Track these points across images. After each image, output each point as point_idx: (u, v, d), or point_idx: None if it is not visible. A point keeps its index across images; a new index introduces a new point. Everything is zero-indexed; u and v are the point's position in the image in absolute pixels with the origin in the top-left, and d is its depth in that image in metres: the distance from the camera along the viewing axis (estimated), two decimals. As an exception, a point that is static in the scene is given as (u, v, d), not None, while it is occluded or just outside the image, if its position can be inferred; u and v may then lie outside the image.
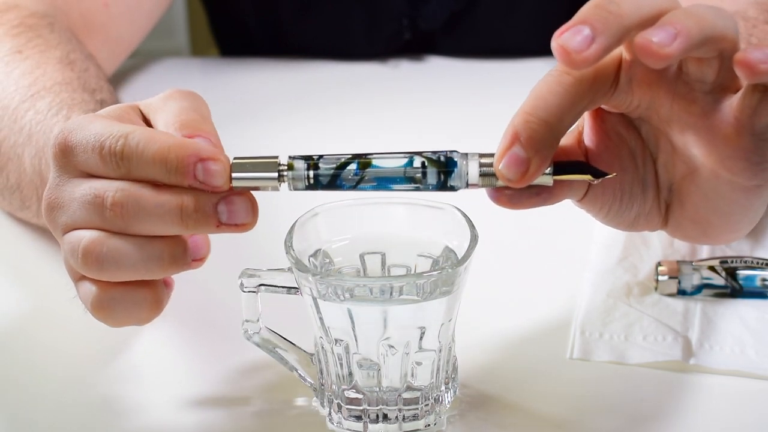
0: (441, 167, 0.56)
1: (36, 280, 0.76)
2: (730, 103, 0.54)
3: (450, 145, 0.58)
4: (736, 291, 0.70)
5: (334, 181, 0.56)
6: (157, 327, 0.69)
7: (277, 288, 0.61)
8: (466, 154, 0.56)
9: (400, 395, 0.60)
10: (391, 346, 0.58)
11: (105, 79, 0.84)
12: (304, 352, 0.63)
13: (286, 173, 0.56)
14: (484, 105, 0.98)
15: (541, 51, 1.06)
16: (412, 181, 0.56)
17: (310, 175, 0.56)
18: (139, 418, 0.63)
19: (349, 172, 0.56)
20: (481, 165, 0.56)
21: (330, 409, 0.61)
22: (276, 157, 0.56)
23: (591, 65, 0.52)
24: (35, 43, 0.83)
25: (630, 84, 0.55)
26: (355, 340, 0.58)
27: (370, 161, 0.56)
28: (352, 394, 0.60)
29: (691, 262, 0.70)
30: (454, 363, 0.62)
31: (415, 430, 0.60)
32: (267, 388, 0.64)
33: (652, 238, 0.75)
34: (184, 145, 0.55)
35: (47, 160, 0.61)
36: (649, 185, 0.58)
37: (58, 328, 0.70)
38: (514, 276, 0.74)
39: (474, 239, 0.59)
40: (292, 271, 0.59)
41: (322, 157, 0.56)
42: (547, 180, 0.55)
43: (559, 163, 0.56)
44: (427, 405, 0.60)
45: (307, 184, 0.56)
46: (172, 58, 1.11)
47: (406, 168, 0.56)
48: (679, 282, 0.70)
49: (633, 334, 0.67)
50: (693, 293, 0.70)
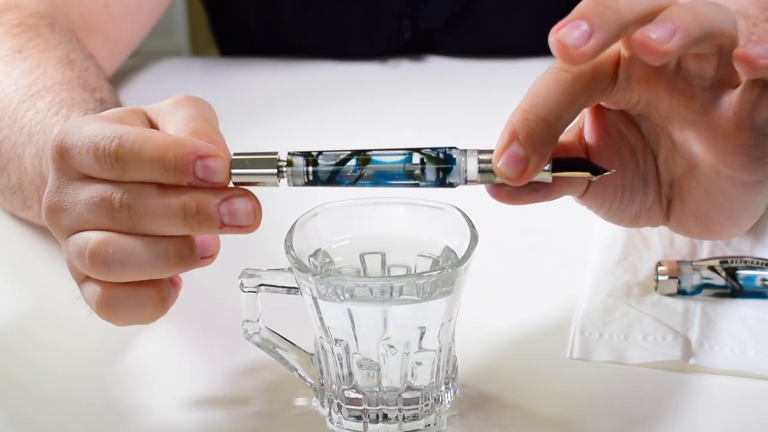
0: (440, 164, 0.56)
1: (36, 280, 0.76)
2: (730, 99, 0.54)
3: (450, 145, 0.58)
4: (736, 291, 0.70)
5: (333, 177, 0.56)
6: (157, 327, 0.69)
7: (277, 288, 0.61)
8: (465, 150, 0.56)
9: (400, 395, 0.60)
10: (391, 346, 0.58)
11: (105, 79, 0.84)
12: (304, 352, 0.63)
13: (285, 169, 0.56)
14: (484, 105, 0.98)
15: (541, 51, 1.06)
16: (410, 177, 0.56)
17: (309, 171, 0.56)
18: (139, 418, 0.63)
19: (349, 168, 0.56)
20: (479, 161, 0.56)
21: (330, 409, 0.61)
22: (275, 153, 0.56)
23: (588, 60, 0.52)
24: (35, 42, 0.83)
25: (629, 81, 0.55)
26: (355, 340, 0.58)
27: (369, 158, 0.56)
28: (352, 394, 0.60)
29: (691, 262, 0.70)
30: (454, 363, 0.62)
31: (415, 430, 0.60)
32: (267, 388, 0.64)
33: (653, 238, 0.75)
34: (182, 143, 0.55)
35: (48, 160, 0.61)
36: (650, 181, 0.58)
37: (58, 328, 0.70)
38: (514, 276, 0.74)
39: (474, 239, 0.59)
40: (292, 271, 0.59)
41: (321, 153, 0.56)
42: (546, 177, 0.55)
43: (558, 160, 0.56)
44: (427, 405, 0.60)
45: (306, 180, 0.56)
46: (172, 58, 1.11)
47: (405, 164, 0.56)
48: (679, 282, 0.70)
49: (633, 334, 0.67)
50: (693, 293, 0.70)
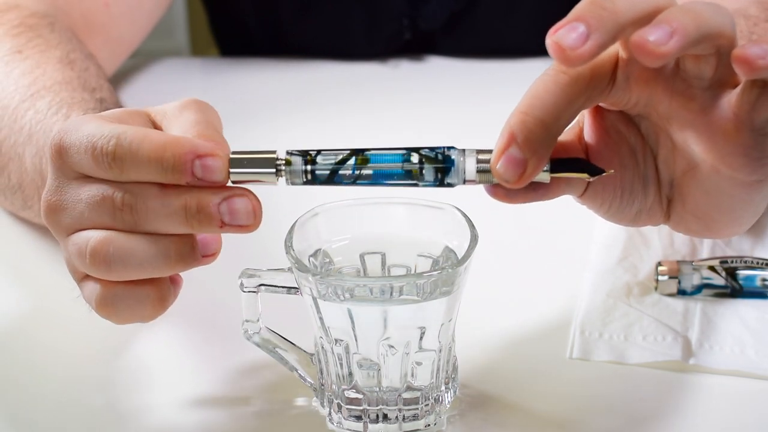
0: (438, 165, 0.56)
1: (36, 280, 0.76)
2: (729, 99, 0.54)
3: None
4: (736, 291, 0.70)
5: (331, 177, 0.56)
6: (157, 327, 0.69)
7: (277, 288, 0.61)
8: (463, 150, 0.56)
9: (400, 395, 0.60)
10: (391, 346, 0.58)
11: (105, 79, 0.84)
12: (304, 352, 0.63)
13: (283, 168, 0.56)
14: (484, 105, 0.98)
15: (541, 51, 1.05)
16: (409, 177, 0.56)
17: (308, 170, 0.56)
18: (139, 418, 0.63)
19: (347, 168, 0.56)
20: (478, 161, 0.56)
21: (330, 409, 0.61)
22: (274, 152, 0.56)
23: (586, 62, 0.52)
24: (35, 42, 0.83)
25: (627, 81, 0.55)
26: (355, 340, 0.58)
27: (368, 158, 0.56)
28: (352, 394, 0.60)
29: (691, 262, 0.70)
30: (454, 363, 0.62)
31: (415, 430, 0.60)
32: (267, 388, 0.64)
33: (653, 238, 0.75)
34: (180, 142, 0.55)
35: (47, 159, 0.61)
36: (650, 181, 0.58)
37: (58, 328, 0.70)
38: (514, 276, 0.74)
39: (474, 239, 0.59)
40: (292, 271, 0.59)
41: (320, 152, 0.56)
42: (544, 177, 0.55)
43: (556, 160, 0.56)
44: (427, 405, 0.60)
45: (304, 179, 0.56)
46: (172, 58, 1.11)
47: (403, 164, 0.56)
48: (679, 282, 0.70)
49: (633, 334, 0.67)
50: (693, 293, 0.70)
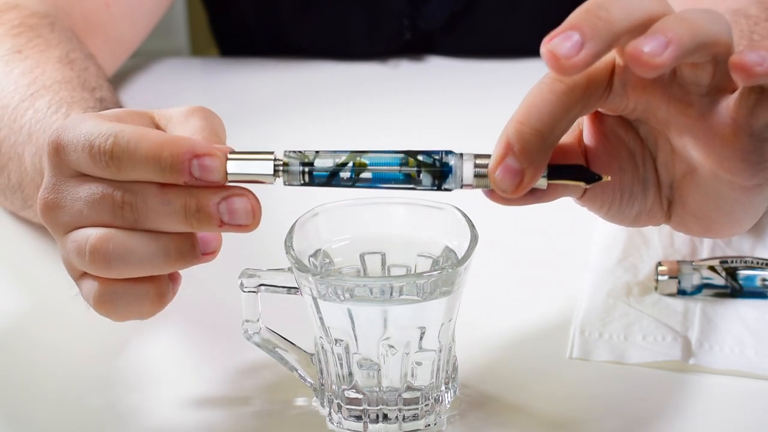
0: (436, 172, 0.56)
1: (36, 280, 0.76)
2: (727, 104, 0.54)
3: (449, 146, 0.58)
4: (736, 291, 0.70)
5: (329, 180, 0.56)
6: (157, 327, 0.69)
7: (277, 288, 0.61)
8: (461, 154, 0.56)
9: (400, 395, 0.60)
10: (391, 346, 0.58)
11: (105, 78, 0.84)
12: (304, 352, 0.63)
13: (281, 168, 0.56)
14: (484, 105, 0.98)
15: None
16: (407, 181, 0.56)
17: (305, 170, 0.56)
18: (139, 418, 0.63)
19: (345, 171, 0.56)
20: (476, 166, 0.56)
21: (330, 409, 0.61)
22: (272, 152, 0.56)
23: (581, 71, 0.52)
24: (35, 42, 0.83)
25: (624, 88, 0.55)
26: (355, 340, 0.58)
27: (365, 163, 0.56)
28: (352, 394, 0.60)
29: (691, 262, 0.70)
30: (454, 363, 0.62)
31: (415, 430, 0.60)
32: (267, 388, 0.64)
33: (653, 238, 0.75)
34: (178, 141, 0.55)
35: (44, 157, 0.61)
36: (650, 184, 0.58)
37: (58, 328, 0.70)
38: (514, 276, 0.74)
39: (474, 239, 0.59)
40: (292, 271, 0.59)
41: (318, 154, 0.56)
42: (541, 183, 0.56)
43: (554, 167, 0.56)
44: (427, 405, 0.60)
45: (302, 181, 0.56)
46: (172, 58, 1.11)
47: (401, 167, 0.56)
48: (679, 282, 0.70)
49: (633, 333, 0.67)
50: (693, 293, 0.70)
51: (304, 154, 0.56)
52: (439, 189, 0.56)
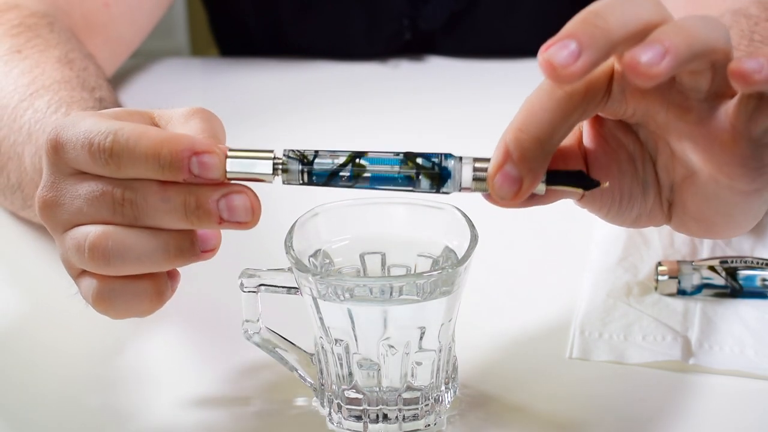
0: (434, 176, 0.55)
1: (36, 279, 0.76)
2: (726, 110, 0.54)
3: (449, 146, 0.58)
4: (736, 291, 0.70)
5: (328, 181, 0.56)
6: (157, 327, 0.69)
7: (277, 288, 0.61)
8: (460, 158, 0.56)
9: (400, 395, 0.60)
10: (391, 346, 0.58)
11: (104, 78, 0.84)
12: (304, 352, 0.63)
13: (280, 168, 0.56)
14: (484, 105, 0.98)
15: (541, 51, 1.06)
16: (406, 183, 0.56)
17: (304, 171, 0.56)
18: (139, 417, 0.63)
19: (343, 176, 0.56)
20: (475, 169, 0.55)
21: (330, 409, 0.61)
22: (271, 151, 0.56)
23: (577, 80, 0.51)
24: (34, 42, 0.83)
25: (623, 94, 0.55)
26: (355, 340, 0.58)
27: (364, 166, 0.56)
28: (352, 394, 0.60)
29: (692, 262, 0.70)
30: (454, 363, 0.62)
31: (415, 430, 0.60)
32: (267, 388, 0.64)
33: (653, 238, 0.75)
34: (177, 139, 0.54)
35: (42, 155, 0.61)
36: (650, 186, 0.58)
37: (58, 328, 0.70)
38: (514, 276, 0.74)
39: (474, 239, 0.59)
40: (292, 271, 0.59)
41: (317, 154, 0.56)
42: (540, 188, 0.56)
43: (553, 172, 0.56)
44: (427, 405, 0.60)
45: (301, 180, 0.56)
46: (172, 58, 1.11)
47: (400, 169, 0.56)
48: (679, 282, 0.70)
49: (632, 333, 0.67)
50: (693, 293, 0.70)
51: (303, 154, 0.56)
52: (437, 192, 0.56)
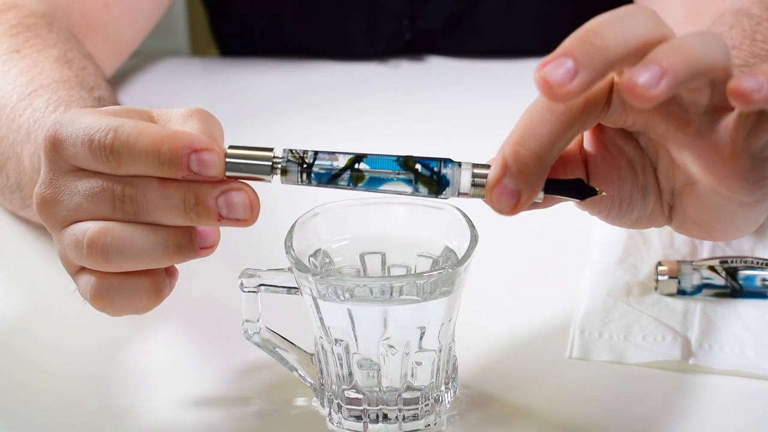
0: (433, 185, 0.55)
1: (36, 279, 0.76)
2: (726, 124, 0.53)
3: (449, 146, 0.57)
4: (736, 291, 0.70)
5: (327, 184, 0.56)
6: (157, 327, 0.69)
7: (277, 288, 0.61)
8: (459, 163, 0.56)
9: (400, 395, 0.60)
10: (391, 346, 0.58)
11: (103, 78, 0.84)
12: (304, 352, 0.63)
13: (279, 167, 0.56)
14: (484, 105, 0.98)
15: (541, 51, 1.05)
16: (404, 190, 0.56)
17: (303, 173, 0.56)
18: (139, 418, 0.63)
19: (342, 181, 0.56)
20: (473, 175, 0.55)
21: (330, 409, 0.61)
22: (271, 150, 0.56)
23: (573, 99, 0.51)
24: (33, 42, 0.83)
25: (623, 105, 0.55)
26: (355, 340, 0.58)
27: (363, 174, 0.56)
28: (352, 394, 0.60)
29: (692, 262, 0.70)
30: (454, 363, 0.62)
31: (415, 430, 0.60)
32: (267, 388, 0.64)
33: (653, 238, 0.75)
34: (177, 136, 0.54)
35: (40, 152, 0.61)
36: (650, 191, 0.58)
37: (57, 328, 0.70)
38: (514, 276, 0.74)
39: (474, 239, 0.59)
40: (292, 271, 0.59)
41: (317, 156, 0.56)
42: (538, 196, 0.56)
43: (552, 180, 0.55)
44: (427, 405, 0.60)
45: (300, 182, 0.56)
46: (172, 58, 1.11)
47: (398, 176, 0.56)
48: (679, 282, 0.70)
49: (632, 333, 0.67)
50: (693, 293, 0.70)
51: (302, 157, 0.56)
52: (436, 197, 0.56)
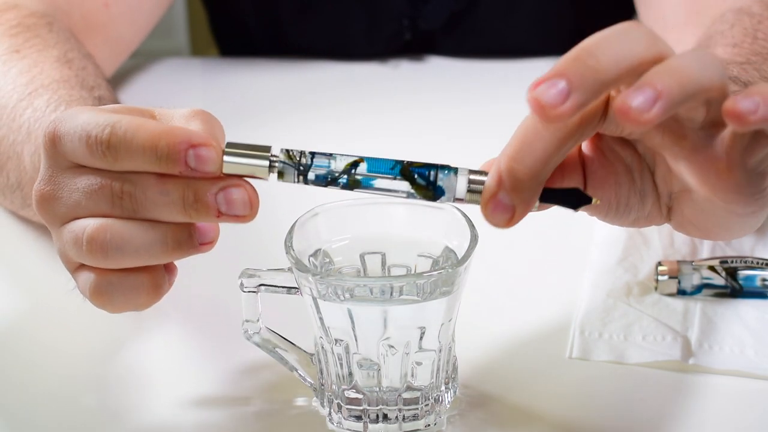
0: (428, 194, 0.55)
1: (36, 279, 0.76)
2: (722, 138, 0.53)
3: (449, 147, 0.57)
4: (736, 291, 0.70)
5: (324, 186, 0.56)
6: (157, 327, 0.69)
7: (277, 288, 0.61)
8: (456, 169, 0.56)
9: (400, 395, 0.60)
10: (391, 346, 0.58)
11: (103, 78, 0.84)
12: (304, 352, 0.63)
13: (277, 165, 0.56)
14: (484, 105, 0.98)
15: (541, 51, 1.06)
16: (400, 195, 0.56)
17: (300, 177, 0.56)
18: (139, 417, 0.63)
19: (337, 184, 0.56)
20: (469, 182, 0.55)
21: (330, 409, 0.61)
22: (269, 147, 0.56)
23: (566, 120, 0.51)
24: (33, 42, 0.83)
25: None
26: (355, 340, 0.58)
27: (359, 181, 0.55)
28: (352, 394, 0.60)
29: (692, 262, 0.70)
30: (454, 363, 0.62)
31: (415, 430, 0.60)
32: (267, 388, 0.64)
33: (653, 238, 0.75)
34: (175, 132, 0.54)
35: (40, 149, 0.61)
36: (648, 194, 0.58)
37: (57, 328, 0.70)
38: (514, 276, 0.74)
39: (474, 239, 0.59)
40: (292, 271, 0.59)
41: (313, 160, 0.56)
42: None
43: (548, 190, 0.55)
44: (427, 405, 0.60)
45: (296, 182, 0.56)
46: (172, 58, 1.11)
47: (393, 184, 0.56)
48: (679, 282, 0.70)
49: (632, 333, 0.67)
50: (693, 293, 0.70)
51: (299, 160, 0.56)
52: (433, 201, 0.56)
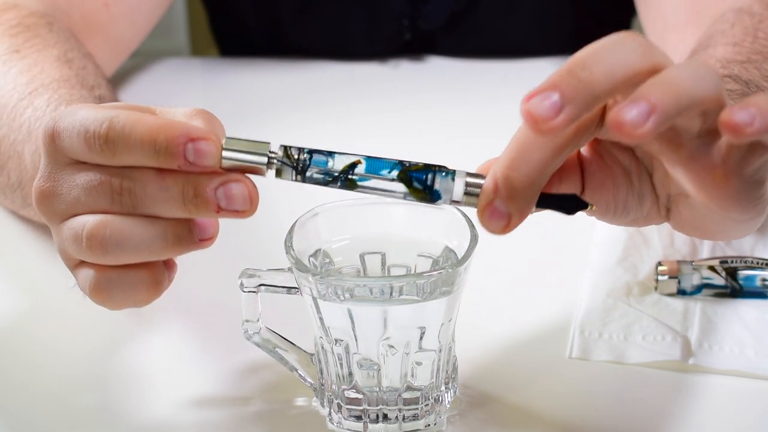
0: (425, 198, 0.55)
1: (36, 279, 0.76)
2: (719, 147, 0.53)
3: (449, 147, 0.57)
4: (736, 291, 0.70)
5: (322, 184, 0.56)
6: (157, 327, 0.69)
7: (277, 288, 0.61)
8: (453, 172, 0.56)
9: (400, 395, 0.60)
10: (391, 346, 0.58)
11: (103, 77, 0.84)
12: (304, 352, 0.63)
13: (275, 161, 0.56)
14: (484, 105, 0.98)
15: (541, 51, 1.06)
16: (397, 197, 0.56)
17: (297, 177, 0.56)
18: (138, 418, 0.63)
19: (335, 185, 0.56)
20: (467, 185, 0.55)
21: (330, 409, 0.61)
22: (267, 143, 0.56)
23: (558, 133, 0.50)
24: (33, 42, 0.83)
25: None
26: (355, 340, 0.58)
27: (357, 183, 0.55)
28: (352, 394, 0.60)
29: (691, 262, 0.70)
30: (454, 363, 0.62)
31: (415, 430, 0.60)
32: (267, 388, 0.64)
33: (653, 238, 0.75)
34: (173, 125, 0.54)
35: (39, 146, 0.61)
36: (646, 196, 0.58)
37: (57, 328, 0.70)
38: (514, 276, 0.74)
39: (474, 239, 0.59)
40: (292, 271, 0.59)
41: (311, 161, 0.56)
42: None
43: (545, 195, 0.55)
44: (427, 405, 0.60)
45: (294, 179, 0.56)
46: (172, 58, 1.11)
47: (390, 186, 0.56)
48: (679, 282, 0.70)
49: (632, 333, 0.67)
50: (693, 293, 0.70)
51: (297, 160, 0.56)
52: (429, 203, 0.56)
